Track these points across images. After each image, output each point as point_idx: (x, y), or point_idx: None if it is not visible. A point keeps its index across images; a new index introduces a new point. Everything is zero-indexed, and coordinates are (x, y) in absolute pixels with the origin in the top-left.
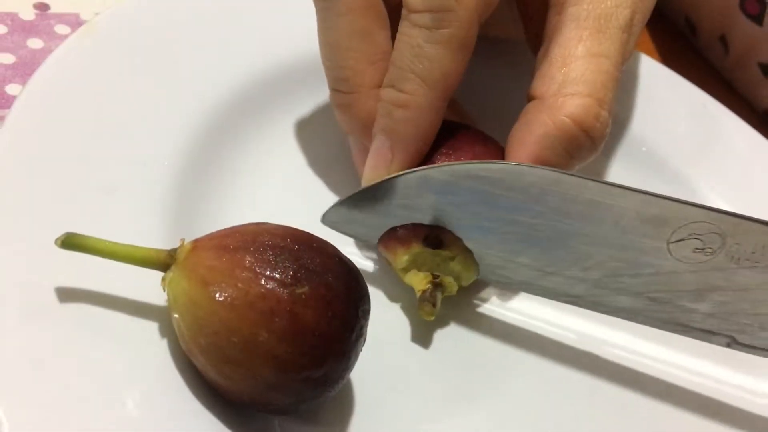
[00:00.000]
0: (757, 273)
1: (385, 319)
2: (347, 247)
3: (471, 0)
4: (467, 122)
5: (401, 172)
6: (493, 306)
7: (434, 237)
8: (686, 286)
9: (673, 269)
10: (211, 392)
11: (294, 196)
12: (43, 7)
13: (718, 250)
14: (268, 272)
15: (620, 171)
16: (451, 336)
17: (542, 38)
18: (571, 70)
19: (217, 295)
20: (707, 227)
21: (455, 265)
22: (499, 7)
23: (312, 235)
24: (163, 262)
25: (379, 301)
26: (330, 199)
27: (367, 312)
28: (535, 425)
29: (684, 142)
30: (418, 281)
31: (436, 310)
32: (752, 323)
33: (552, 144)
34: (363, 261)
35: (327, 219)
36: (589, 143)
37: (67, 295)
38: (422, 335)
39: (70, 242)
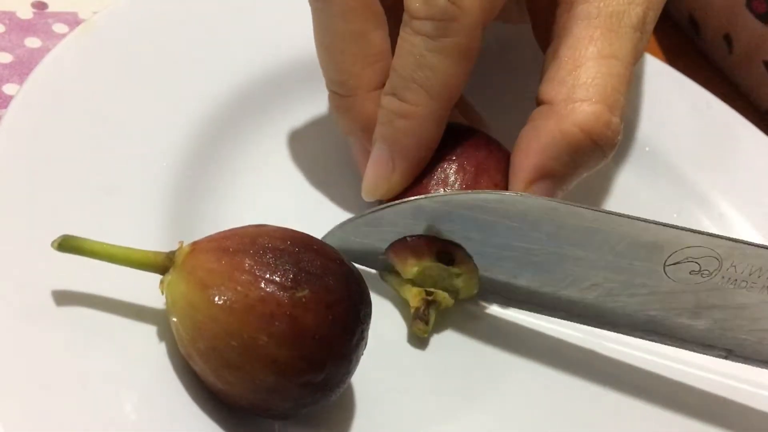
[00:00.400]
0: (754, 293)
1: (386, 322)
2: None
3: (474, 8)
4: (478, 125)
5: (394, 203)
6: (494, 306)
7: (446, 253)
8: (683, 304)
9: (670, 290)
10: (210, 396)
11: (294, 197)
12: (41, 6)
13: (715, 272)
14: (267, 275)
15: (623, 171)
16: (452, 338)
17: (551, 34)
18: (581, 74)
19: (216, 299)
20: (703, 251)
21: (458, 281)
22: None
23: (312, 237)
24: (161, 264)
25: (379, 304)
26: (330, 199)
27: (368, 315)
28: (538, 425)
29: (688, 142)
30: (412, 297)
31: (429, 327)
32: (749, 338)
33: (559, 154)
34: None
35: (329, 240)
36: (598, 153)
37: (65, 297)
38: (423, 338)
39: (67, 245)
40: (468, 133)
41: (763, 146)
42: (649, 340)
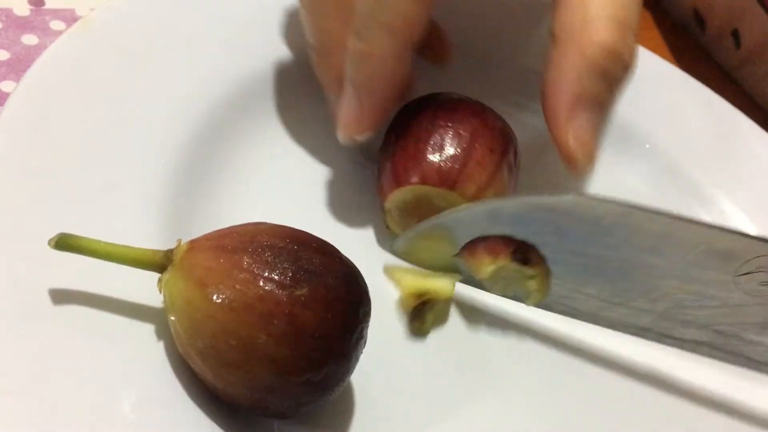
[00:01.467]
0: None
1: (386, 320)
2: (347, 248)
3: None
4: (443, 42)
5: (470, 204)
6: (494, 303)
7: (522, 253)
8: (752, 318)
9: (740, 302)
10: (208, 395)
11: (293, 196)
12: (38, 3)
13: None
14: (266, 273)
15: (624, 168)
16: (452, 336)
17: None
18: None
19: (215, 297)
20: None
21: (532, 284)
22: None
23: (311, 235)
24: (159, 263)
25: (379, 302)
26: (330, 198)
27: (367, 313)
28: (538, 423)
29: (689, 140)
30: (405, 297)
31: (427, 326)
32: None
33: (591, 81)
34: (363, 261)
35: (396, 249)
36: (623, 68)
37: (63, 296)
38: (423, 336)
39: (64, 243)
40: (463, 102)
41: (765, 143)
42: (717, 359)
